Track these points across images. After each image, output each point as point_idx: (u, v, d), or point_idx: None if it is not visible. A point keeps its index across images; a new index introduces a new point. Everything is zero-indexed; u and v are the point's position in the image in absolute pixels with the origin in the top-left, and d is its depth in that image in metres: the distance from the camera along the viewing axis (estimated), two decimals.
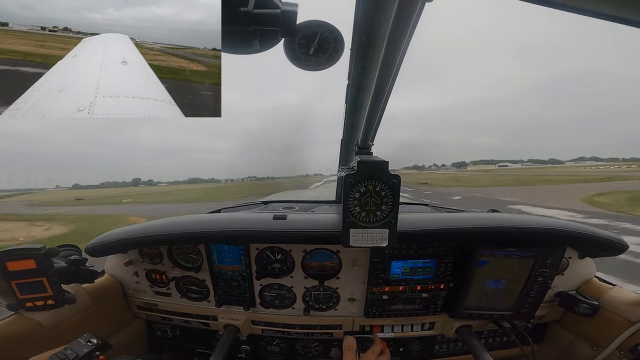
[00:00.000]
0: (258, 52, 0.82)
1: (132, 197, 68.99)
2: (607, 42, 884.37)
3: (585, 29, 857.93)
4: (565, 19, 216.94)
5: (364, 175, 1.06)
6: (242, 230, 1.44)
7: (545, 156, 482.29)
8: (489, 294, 1.56)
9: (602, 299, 1.59)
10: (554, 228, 1.42)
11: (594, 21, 0.63)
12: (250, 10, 0.69)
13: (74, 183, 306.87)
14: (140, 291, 1.82)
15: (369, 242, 1.12)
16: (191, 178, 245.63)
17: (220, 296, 1.71)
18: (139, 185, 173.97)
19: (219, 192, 62.55)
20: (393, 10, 0.61)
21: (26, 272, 1.25)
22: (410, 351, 1.81)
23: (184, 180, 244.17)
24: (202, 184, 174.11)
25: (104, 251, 1.63)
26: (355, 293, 1.66)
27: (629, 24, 0.59)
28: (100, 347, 1.24)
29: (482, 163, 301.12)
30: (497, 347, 1.86)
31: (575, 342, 1.70)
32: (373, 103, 1.05)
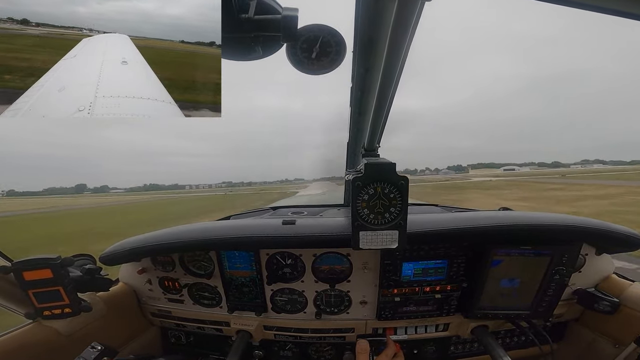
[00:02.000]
0: (261, 58, 0.82)
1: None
2: (607, 39, 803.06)
3: (587, 26, 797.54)
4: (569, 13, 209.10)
5: (372, 178, 1.05)
6: (252, 236, 1.45)
7: (548, 159, 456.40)
8: (504, 294, 1.53)
9: (622, 296, 1.55)
10: (569, 224, 1.39)
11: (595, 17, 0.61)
12: (251, 16, 0.70)
13: (10, 189, 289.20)
14: (153, 298, 1.84)
15: (379, 244, 1.11)
16: (147, 185, 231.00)
17: (232, 302, 1.72)
18: (83, 192, 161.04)
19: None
20: (393, 11, 0.61)
21: (43, 281, 1.28)
22: (425, 353, 1.78)
23: (140, 187, 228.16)
24: (160, 191, 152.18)
25: (117, 260, 1.65)
26: (366, 296, 1.65)
27: (629, 17, 0.58)
28: (105, 353, 1.30)
29: (481, 167, 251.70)
30: (515, 347, 1.82)
31: (596, 339, 1.65)
32: (378, 105, 1.04)
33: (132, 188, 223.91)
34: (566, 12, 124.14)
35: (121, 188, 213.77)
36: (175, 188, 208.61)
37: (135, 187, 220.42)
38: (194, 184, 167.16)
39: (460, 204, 1.90)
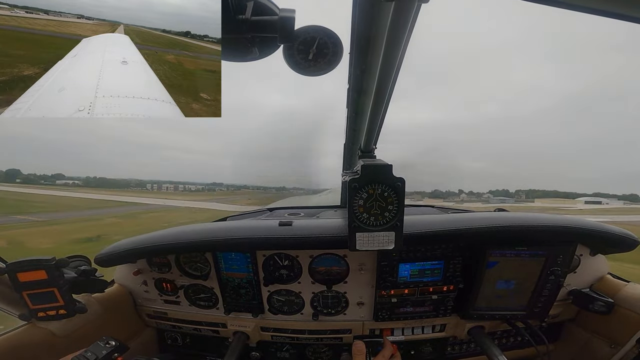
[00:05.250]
0: (257, 59, 0.82)
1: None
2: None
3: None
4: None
5: (368, 179, 1.05)
6: (248, 237, 1.44)
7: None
8: (500, 295, 1.53)
9: (617, 296, 1.56)
10: (564, 225, 1.40)
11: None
12: (248, 17, 0.70)
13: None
14: (149, 300, 1.83)
15: (376, 245, 1.12)
16: (98, 177, 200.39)
17: (228, 303, 1.71)
18: (15, 180, 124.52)
19: None
20: (390, 12, 0.61)
21: (37, 282, 1.27)
22: (422, 354, 1.79)
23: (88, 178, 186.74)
24: (106, 190, 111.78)
25: (113, 261, 1.64)
26: (363, 297, 1.65)
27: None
28: (118, 349, 1.29)
29: (541, 194, 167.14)
30: (512, 348, 1.82)
31: (591, 340, 1.66)
32: (374, 106, 1.04)
33: (87, 177, 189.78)
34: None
35: (80, 177, 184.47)
36: (125, 184, 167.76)
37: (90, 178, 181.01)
38: (165, 182, 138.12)
39: None
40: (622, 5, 0.59)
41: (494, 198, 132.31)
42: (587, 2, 0.61)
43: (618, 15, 0.59)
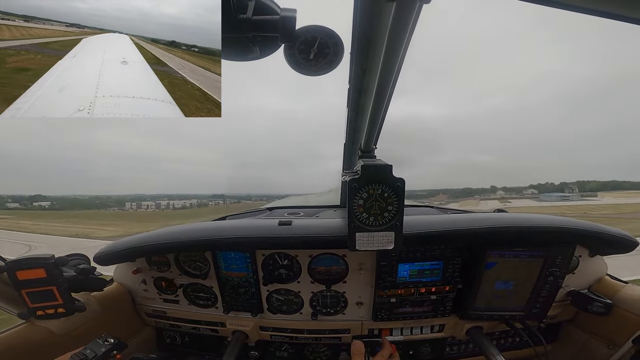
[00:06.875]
0: (258, 59, 0.82)
1: None
2: None
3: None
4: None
5: (368, 179, 1.05)
6: (248, 237, 1.44)
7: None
8: (499, 295, 1.54)
9: (615, 297, 1.56)
10: (563, 226, 1.40)
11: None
12: (250, 17, 0.70)
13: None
14: (148, 299, 1.83)
15: (375, 245, 1.12)
16: (32, 195, 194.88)
17: (228, 302, 1.71)
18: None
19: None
20: (391, 12, 0.61)
21: (36, 281, 1.27)
22: (421, 354, 1.79)
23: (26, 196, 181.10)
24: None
25: (112, 260, 1.64)
26: (362, 297, 1.65)
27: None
28: (116, 347, 1.30)
29: (597, 186, 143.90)
30: (510, 348, 1.83)
31: (590, 341, 1.67)
32: (375, 106, 1.04)
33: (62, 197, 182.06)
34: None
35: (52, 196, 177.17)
36: (59, 199, 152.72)
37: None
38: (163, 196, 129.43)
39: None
40: (622, 6, 0.59)
41: (544, 194, 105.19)
42: (587, 2, 0.61)
43: (618, 15, 0.59)
